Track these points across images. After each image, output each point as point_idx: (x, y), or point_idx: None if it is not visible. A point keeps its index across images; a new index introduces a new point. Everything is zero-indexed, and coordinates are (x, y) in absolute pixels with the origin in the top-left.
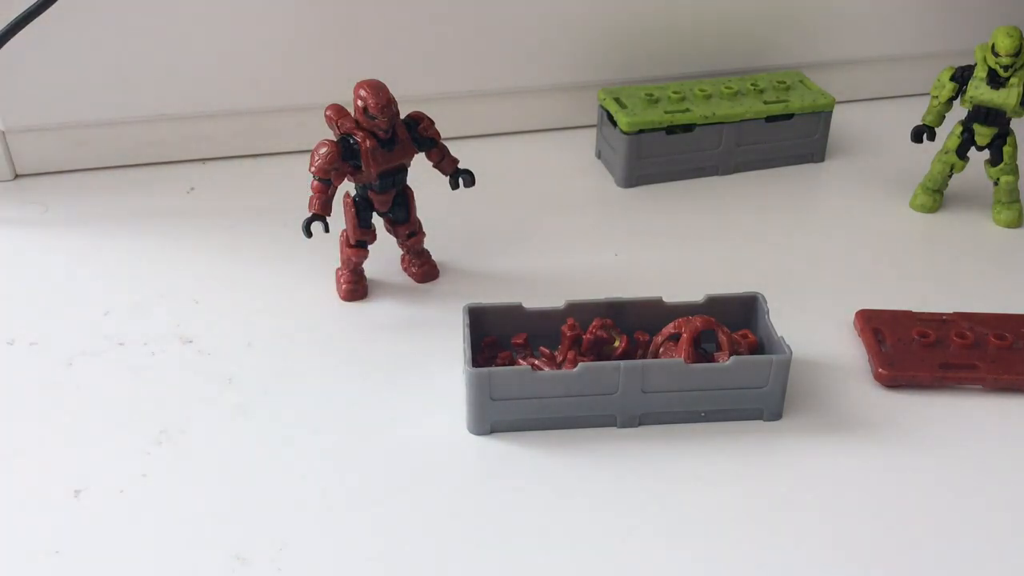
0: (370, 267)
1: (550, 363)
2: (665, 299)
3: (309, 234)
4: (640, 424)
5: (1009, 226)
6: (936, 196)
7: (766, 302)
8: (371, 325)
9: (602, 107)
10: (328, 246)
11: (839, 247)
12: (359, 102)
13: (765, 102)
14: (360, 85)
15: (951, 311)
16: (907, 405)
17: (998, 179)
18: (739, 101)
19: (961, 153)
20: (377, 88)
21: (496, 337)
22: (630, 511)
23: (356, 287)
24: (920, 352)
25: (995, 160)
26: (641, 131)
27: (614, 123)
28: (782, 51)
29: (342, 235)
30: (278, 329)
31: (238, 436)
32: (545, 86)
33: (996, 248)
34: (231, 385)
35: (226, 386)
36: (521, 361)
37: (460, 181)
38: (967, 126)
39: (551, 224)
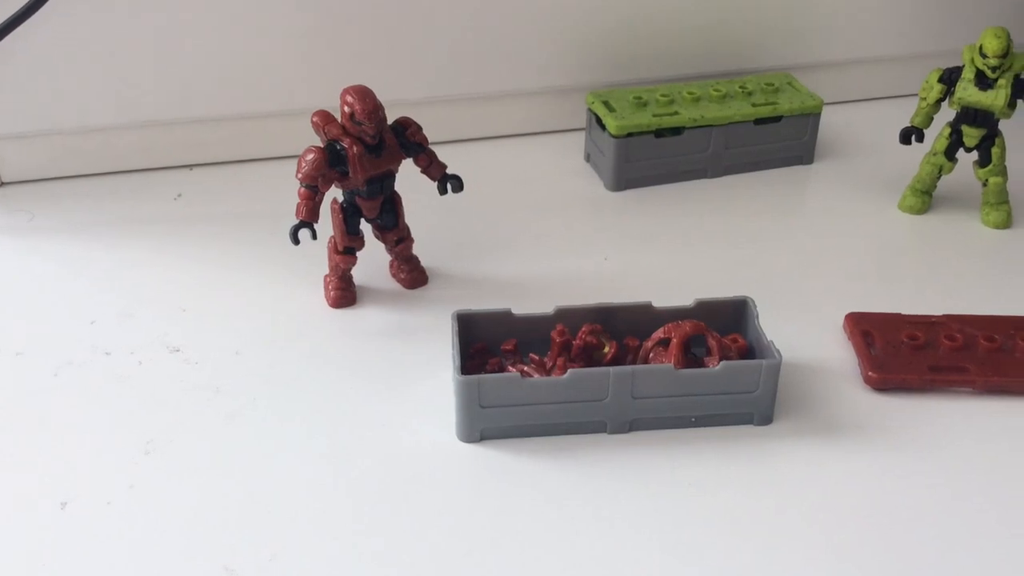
0: (358, 273)
1: (539, 369)
2: (655, 304)
3: (297, 241)
4: (630, 430)
5: (997, 227)
6: (925, 198)
7: (756, 306)
8: (360, 332)
9: (590, 110)
10: (316, 253)
11: (828, 249)
12: (346, 108)
13: (753, 104)
14: (347, 91)
15: (940, 313)
16: (897, 408)
17: (986, 180)
18: (727, 104)
19: (949, 155)
20: (364, 94)
21: (485, 343)
22: (621, 517)
23: (344, 294)
24: (909, 355)
25: (983, 161)
26: (630, 134)
27: (602, 126)
28: (770, 53)
29: (330, 241)
30: (266, 337)
31: (226, 445)
32: (533, 89)
33: (985, 249)
34: (219, 394)
35: (214, 395)
36: (510, 368)
37: (448, 186)
38: (955, 127)
39: (540, 229)
